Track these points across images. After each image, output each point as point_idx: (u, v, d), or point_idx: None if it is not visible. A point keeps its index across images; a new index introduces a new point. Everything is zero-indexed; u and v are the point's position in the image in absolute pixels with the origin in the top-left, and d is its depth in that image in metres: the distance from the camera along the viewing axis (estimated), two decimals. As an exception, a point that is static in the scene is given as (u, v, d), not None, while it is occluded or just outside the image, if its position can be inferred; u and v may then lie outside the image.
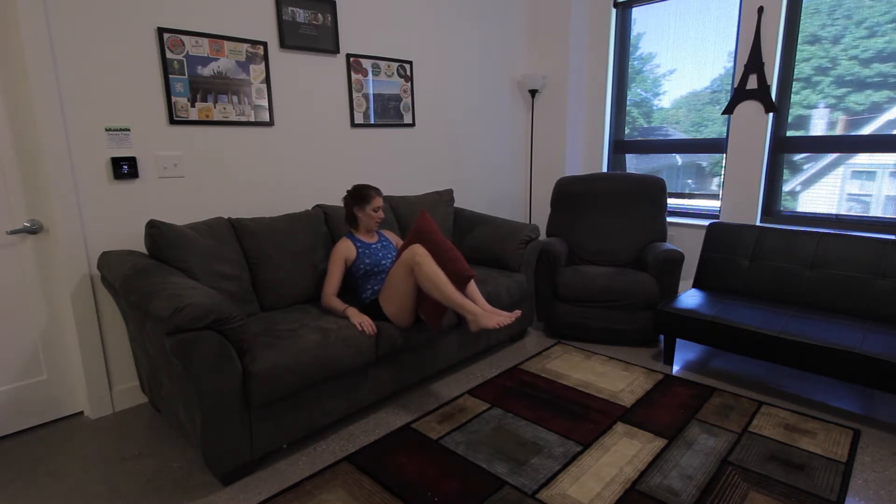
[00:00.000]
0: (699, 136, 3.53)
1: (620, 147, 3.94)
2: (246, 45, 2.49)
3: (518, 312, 2.11)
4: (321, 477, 1.82)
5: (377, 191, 2.41)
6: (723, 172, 3.39)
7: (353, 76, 2.94)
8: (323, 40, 2.77)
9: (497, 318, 2.05)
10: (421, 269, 2.07)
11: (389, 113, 3.16)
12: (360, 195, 2.38)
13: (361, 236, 2.44)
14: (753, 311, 2.45)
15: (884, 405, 2.25)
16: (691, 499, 1.67)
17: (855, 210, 2.97)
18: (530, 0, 3.93)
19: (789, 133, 3.13)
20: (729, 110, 3.25)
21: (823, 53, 2.94)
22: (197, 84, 2.36)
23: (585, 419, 2.16)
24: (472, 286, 2.32)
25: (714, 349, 2.88)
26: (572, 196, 3.36)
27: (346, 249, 2.34)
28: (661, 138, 3.72)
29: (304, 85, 2.74)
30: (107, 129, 2.16)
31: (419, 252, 2.10)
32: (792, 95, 3.09)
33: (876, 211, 2.91)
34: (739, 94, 3.18)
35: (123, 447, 2.04)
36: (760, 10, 3.04)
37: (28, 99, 1.99)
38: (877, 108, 2.83)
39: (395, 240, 2.60)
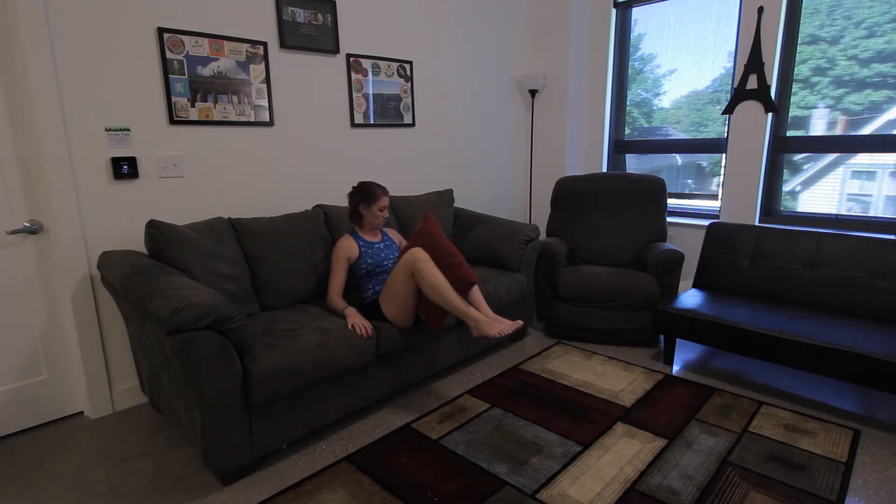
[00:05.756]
0: (699, 136, 3.54)
1: (620, 147, 3.94)
2: (246, 45, 2.49)
3: (520, 322, 2.11)
4: (321, 477, 1.82)
5: (384, 189, 2.38)
6: (723, 172, 3.39)
7: (353, 76, 2.94)
8: (323, 40, 2.77)
9: (499, 325, 2.05)
10: (422, 273, 2.07)
11: (389, 113, 3.16)
12: (367, 193, 2.35)
13: (365, 235, 2.43)
14: (753, 311, 2.45)
15: (884, 405, 2.25)
16: (691, 499, 1.67)
17: (855, 210, 2.97)
18: (530, 0, 3.93)
19: (789, 133, 3.13)
20: (729, 110, 3.25)
21: (821, 54, 2.94)
22: (197, 84, 2.36)
23: (585, 419, 2.16)
24: (475, 291, 2.29)
25: (714, 349, 2.88)
26: (572, 196, 3.36)
27: (348, 248, 2.34)
28: (661, 138, 3.73)
29: (304, 85, 2.74)
30: (107, 129, 2.16)
31: (420, 257, 2.09)
32: (791, 96, 3.09)
33: (876, 211, 2.91)
34: (739, 94, 3.18)
35: (123, 447, 2.04)
36: (760, 10, 3.04)
37: (28, 99, 1.99)
38: (876, 108, 2.83)
39: (398, 239, 2.59)
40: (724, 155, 3.41)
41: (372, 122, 3.08)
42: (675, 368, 2.65)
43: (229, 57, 2.44)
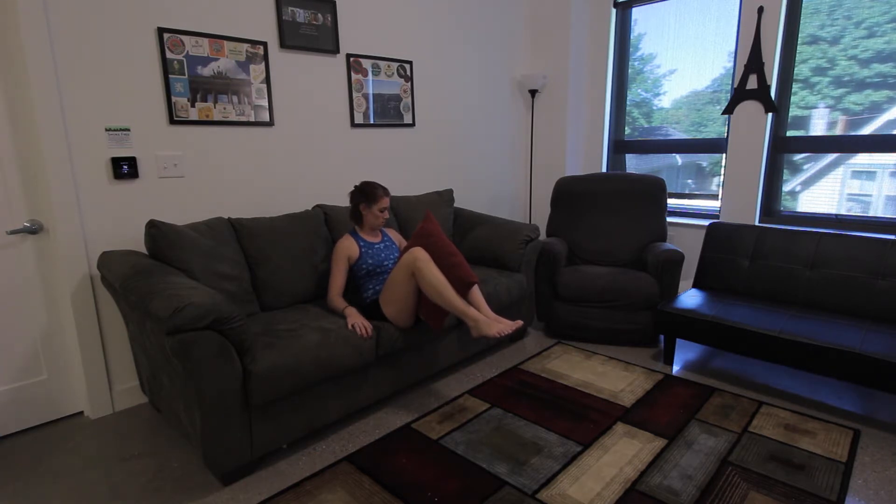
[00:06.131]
0: (699, 136, 3.54)
1: (620, 147, 3.94)
2: (246, 45, 2.49)
3: (520, 322, 2.11)
4: (321, 477, 1.82)
5: (385, 190, 2.39)
6: (723, 172, 3.39)
7: (353, 76, 2.94)
8: (323, 40, 2.77)
9: (499, 325, 2.05)
10: (422, 273, 2.07)
11: (389, 113, 3.16)
12: (368, 193, 2.35)
13: (365, 235, 2.43)
14: (753, 311, 2.45)
15: (884, 405, 2.25)
16: (691, 499, 1.67)
17: (855, 210, 2.97)
18: (530, 0, 3.93)
19: (789, 133, 3.13)
20: (729, 110, 3.25)
21: (821, 54, 2.94)
22: (197, 84, 2.36)
23: (585, 419, 2.16)
24: (476, 291, 2.29)
25: (714, 349, 2.88)
26: (572, 196, 3.36)
27: (348, 248, 2.34)
28: (661, 138, 3.72)
29: (304, 85, 2.74)
30: (107, 129, 2.16)
31: (420, 256, 2.10)
32: (791, 96, 3.09)
33: (876, 211, 2.91)
34: (739, 94, 3.18)
35: (123, 447, 2.04)
36: (760, 10, 3.04)
37: (29, 99, 1.99)
38: (876, 108, 2.83)
39: (398, 239, 2.59)
40: (724, 155, 3.41)
41: (372, 122, 3.08)
42: (675, 368, 2.65)
43: (229, 57, 2.44)
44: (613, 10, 3.74)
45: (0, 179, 2.02)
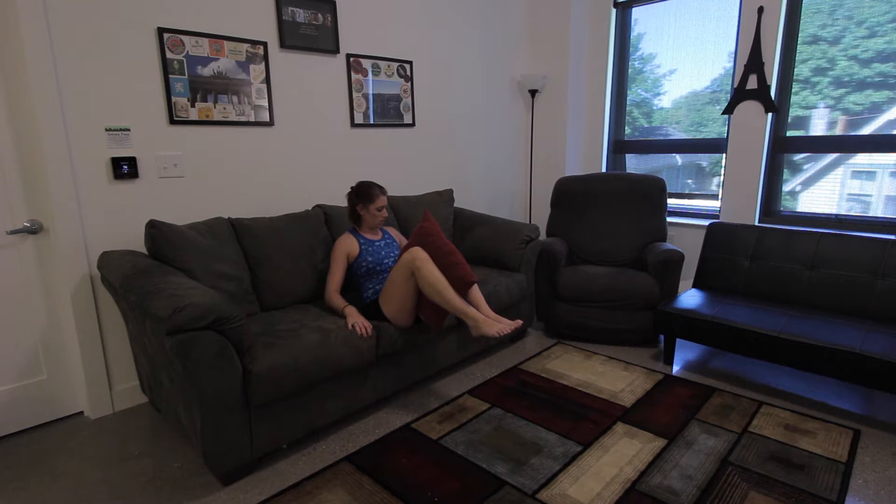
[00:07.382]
0: (699, 136, 3.54)
1: (620, 147, 3.94)
2: (246, 45, 2.49)
3: (519, 322, 2.11)
4: (321, 477, 1.82)
5: (382, 189, 2.39)
6: (723, 172, 3.39)
7: (353, 76, 2.94)
8: (323, 40, 2.77)
9: (498, 325, 2.05)
10: (421, 272, 2.07)
11: (389, 113, 3.16)
12: (364, 193, 2.36)
13: (365, 233, 2.43)
14: (753, 311, 2.45)
15: (884, 405, 2.25)
16: (691, 499, 1.67)
17: (855, 210, 2.97)
18: (530, 0, 3.93)
19: (789, 133, 3.13)
20: (729, 110, 3.25)
21: (821, 54, 2.94)
22: (197, 84, 2.36)
23: (585, 419, 2.16)
24: (475, 290, 2.30)
25: (714, 349, 2.88)
26: (572, 196, 3.36)
27: (348, 245, 2.34)
28: (662, 138, 3.72)
29: (304, 85, 2.74)
30: (107, 129, 2.16)
31: (419, 256, 2.10)
32: (791, 96, 3.09)
33: (876, 211, 2.91)
34: (739, 94, 3.18)
35: (123, 447, 2.04)
36: (760, 10, 3.04)
37: (28, 99, 1.99)
38: (876, 108, 2.83)
39: (398, 238, 2.59)
40: (724, 155, 3.41)
41: (372, 122, 3.08)
42: (675, 368, 2.65)
43: (229, 57, 2.44)
44: (613, 10, 3.74)
45: (0, 179, 2.02)
